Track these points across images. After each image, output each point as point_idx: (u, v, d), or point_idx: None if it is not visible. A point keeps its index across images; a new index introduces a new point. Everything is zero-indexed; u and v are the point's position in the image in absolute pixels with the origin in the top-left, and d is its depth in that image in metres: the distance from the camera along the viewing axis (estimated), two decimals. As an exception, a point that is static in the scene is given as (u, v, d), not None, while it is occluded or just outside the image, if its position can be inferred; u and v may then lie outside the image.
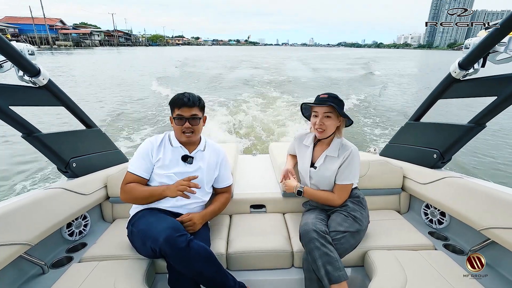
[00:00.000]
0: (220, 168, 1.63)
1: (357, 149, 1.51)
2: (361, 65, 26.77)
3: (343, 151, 1.50)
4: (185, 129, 1.41)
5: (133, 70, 20.37)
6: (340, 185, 1.51)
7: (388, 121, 7.83)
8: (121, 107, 9.03)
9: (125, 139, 6.15)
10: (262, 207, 1.93)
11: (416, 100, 11.01)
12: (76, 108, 1.69)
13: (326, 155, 1.55)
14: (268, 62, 28.75)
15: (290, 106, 8.72)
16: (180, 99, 1.39)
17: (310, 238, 1.32)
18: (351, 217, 1.46)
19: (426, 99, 1.81)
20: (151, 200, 1.41)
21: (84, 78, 15.37)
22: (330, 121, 1.46)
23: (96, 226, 1.82)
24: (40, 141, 1.47)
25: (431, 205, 1.81)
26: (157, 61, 30.97)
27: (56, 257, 1.50)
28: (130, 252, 1.43)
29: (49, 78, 1.43)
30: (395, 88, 14.48)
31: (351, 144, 1.54)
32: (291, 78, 16.36)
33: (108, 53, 45.59)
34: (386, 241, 1.55)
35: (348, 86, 14.06)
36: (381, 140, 6.23)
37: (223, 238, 1.59)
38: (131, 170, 1.45)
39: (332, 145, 1.54)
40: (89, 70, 19.81)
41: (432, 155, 1.78)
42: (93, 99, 10.18)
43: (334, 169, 1.51)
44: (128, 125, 7.09)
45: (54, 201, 1.46)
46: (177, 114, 1.41)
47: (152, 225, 1.28)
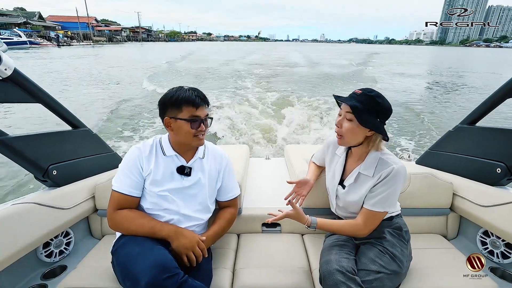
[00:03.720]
0: (223, 177, 1.33)
1: (403, 167, 1.09)
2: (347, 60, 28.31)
3: (381, 169, 1.10)
4: (199, 132, 1.15)
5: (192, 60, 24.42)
6: (368, 211, 1.11)
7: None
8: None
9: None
10: (277, 226, 1.62)
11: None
12: (56, 105, 1.40)
13: (358, 172, 1.17)
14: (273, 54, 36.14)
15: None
16: (195, 97, 1.12)
17: (335, 282, 1.00)
18: (389, 254, 1.10)
19: (489, 98, 1.46)
20: (148, 235, 1.09)
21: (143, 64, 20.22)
22: (350, 125, 1.08)
23: (81, 244, 1.55)
24: (7, 146, 1.22)
25: (492, 233, 1.43)
26: (199, 52, 36.67)
27: (28, 284, 1.24)
28: (114, 284, 1.16)
29: (15, 67, 1.14)
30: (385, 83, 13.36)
31: (395, 159, 1.12)
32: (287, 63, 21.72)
33: (143, 47, 53.88)
34: (438, 283, 1.19)
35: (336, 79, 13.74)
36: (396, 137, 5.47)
37: (228, 268, 1.30)
38: (116, 188, 1.14)
39: (368, 160, 1.15)
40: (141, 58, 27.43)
41: (495, 169, 1.44)
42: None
43: (364, 193, 1.14)
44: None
45: (25, 218, 1.21)
46: (193, 115, 1.13)
47: (134, 259, 0.97)
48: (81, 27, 69.14)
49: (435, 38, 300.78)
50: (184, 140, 1.17)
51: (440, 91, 12.02)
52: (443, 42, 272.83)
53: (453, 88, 12.73)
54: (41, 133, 1.38)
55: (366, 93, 1.06)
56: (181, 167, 1.21)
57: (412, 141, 5.47)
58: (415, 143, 5.38)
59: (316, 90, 10.50)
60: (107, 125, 6.21)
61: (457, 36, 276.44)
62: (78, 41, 58.87)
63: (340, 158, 1.28)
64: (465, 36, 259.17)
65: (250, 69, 16.94)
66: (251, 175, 2.12)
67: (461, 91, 12.13)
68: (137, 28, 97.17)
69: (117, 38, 78.69)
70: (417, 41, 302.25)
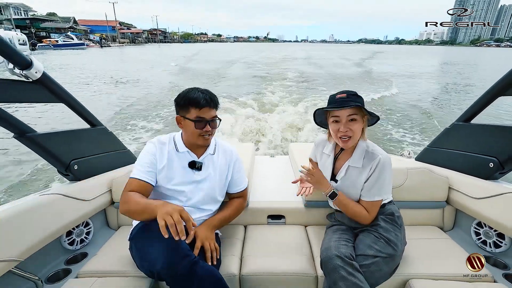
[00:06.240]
0: (233, 171, 1.44)
1: (388, 157, 1.23)
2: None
3: (369, 160, 1.23)
4: (204, 132, 1.24)
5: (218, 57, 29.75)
6: (368, 202, 1.26)
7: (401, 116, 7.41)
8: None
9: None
10: (281, 218, 1.73)
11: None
12: (77, 105, 1.52)
13: (348, 165, 1.30)
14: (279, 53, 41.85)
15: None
16: (202, 99, 1.20)
17: (334, 266, 1.10)
18: (384, 239, 1.21)
19: (482, 96, 1.52)
20: (145, 216, 1.12)
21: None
22: (357, 125, 1.21)
23: (99, 234, 1.70)
24: (35, 142, 1.34)
25: (485, 224, 1.53)
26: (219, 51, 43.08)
27: (54, 269, 1.39)
28: (132, 268, 1.29)
29: (44, 71, 1.25)
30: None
31: (379, 149, 1.26)
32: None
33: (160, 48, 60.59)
34: (432, 267, 1.29)
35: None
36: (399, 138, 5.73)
37: (236, 255, 1.41)
38: (132, 175, 1.26)
39: (356, 153, 1.28)
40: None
41: (488, 163, 1.51)
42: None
43: (359, 184, 1.27)
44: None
45: (51, 208, 1.35)
46: (198, 116, 1.21)
47: (151, 243, 1.10)
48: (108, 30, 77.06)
49: (445, 38, 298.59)
50: (190, 138, 1.28)
51: (445, 90, 12.59)
52: (454, 42, 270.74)
53: (457, 90, 12.94)
54: (63, 131, 1.49)
55: (350, 93, 1.20)
56: (192, 162, 1.31)
57: (417, 138, 5.75)
58: (421, 140, 5.66)
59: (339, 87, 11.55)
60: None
61: (468, 36, 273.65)
62: (111, 43, 66.82)
63: (329, 157, 1.39)
64: (476, 36, 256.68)
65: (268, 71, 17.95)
66: (257, 172, 2.22)
67: (467, 90, 12.58)
68: (155, 31, 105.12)
69: (139, 40, 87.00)
70: (427, 41, 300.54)
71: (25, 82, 1.25)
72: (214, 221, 1.33)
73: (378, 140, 5.47)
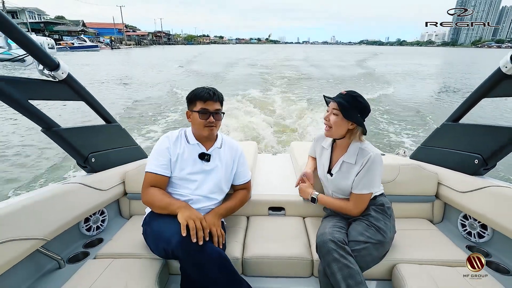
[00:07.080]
0: (237, 165, 1.58)
1: (379, 155, 1.35)
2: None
3: (361, 157, 1.36)
4: (208, 123, 1.37)
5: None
6: (356, 195, 1.38)
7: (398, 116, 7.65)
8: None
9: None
10: (281, 210, 1.85)
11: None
12: (95, 103, 1.67)
13: (343, 161, 1.43)
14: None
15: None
16: (206, 93, 1.36)
17: (328, 250, 1.21)
18: (374, 227, 1.32)
19: (468, 98, 1.64)
20: (165, 212, 1.31)
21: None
22: (336, 119, 1.34)
23: (113, 222, 1.84)
24: (59, 136, 1.47)
25: (470, 216, 1.64)
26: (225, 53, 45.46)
27: (73, 252, 1.52)
28: (145, 251, 1.42)
29: (69, 72, 1.41)
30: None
31: (372, 148, 1.37)
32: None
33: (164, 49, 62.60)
34: (418, 254, 1.41)
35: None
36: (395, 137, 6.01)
37: (239, 242, 1.54)
38: (149, 169, 1.39)
39: (350, 150, 1.40)
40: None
41: (473, 160, 1.63)
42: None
43: (351, 178, 1.39)
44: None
45: (72, 195, 1.47)
46: (202, 108, 1.36)
47: (166, 226, 1.25)
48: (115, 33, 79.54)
49: (447, 39, 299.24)
50: (197, 130, 1.41)
51: (441, 90, 12.87)
52: (455, 43, 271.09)
53: (451, 89, 13.26)
54: (83, 126, 1.63)
55: (350, 94, 1.32)
56: (202, 154, 1.44)
57: (414, 139, 5.99)
58: (418, 141, 5.89)
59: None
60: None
61: (469, 37, 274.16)
62: (120, 45, 69.31)
63: (327, 151, 1.53)
64: (477, 37, 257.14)
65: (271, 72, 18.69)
66: (259, 168, 2.34)
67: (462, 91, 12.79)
68: (159, 33, 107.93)
69: (144, 42, 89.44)
70: (429, 43, 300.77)
71: (53, 82, 1.40)
72: (220, 209, 1.43)
73: (379, 140, 5.75)
